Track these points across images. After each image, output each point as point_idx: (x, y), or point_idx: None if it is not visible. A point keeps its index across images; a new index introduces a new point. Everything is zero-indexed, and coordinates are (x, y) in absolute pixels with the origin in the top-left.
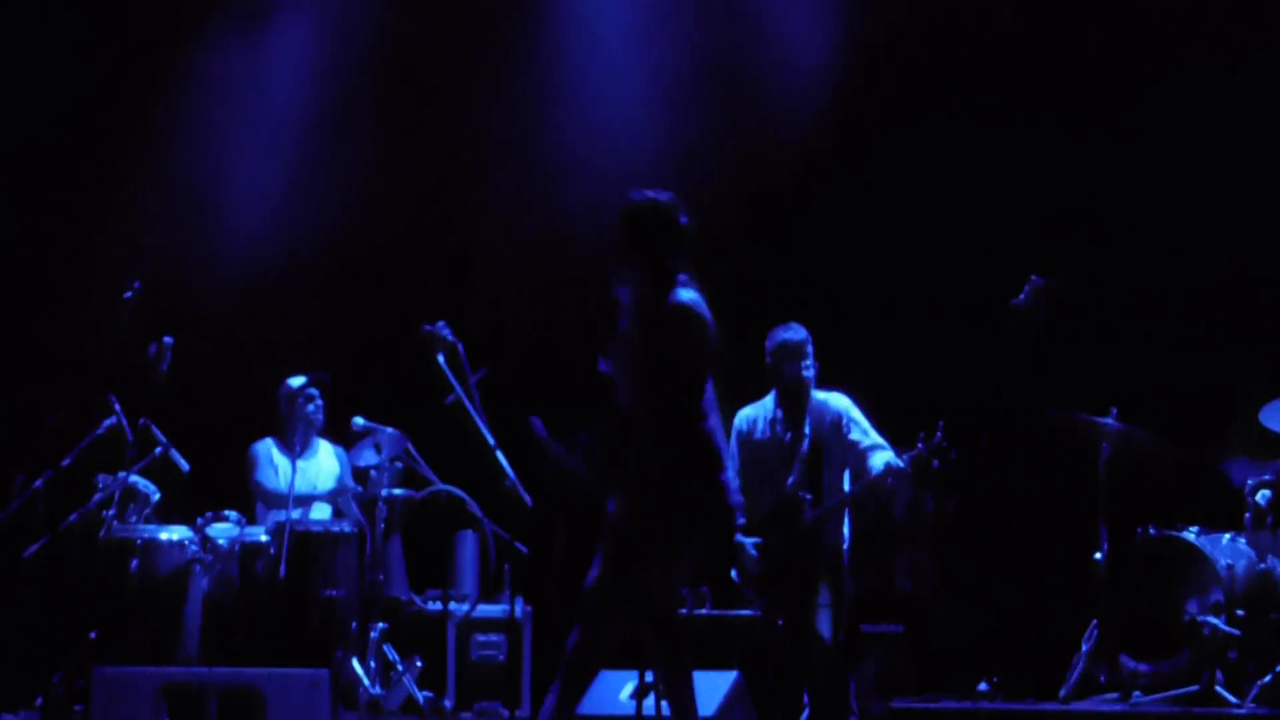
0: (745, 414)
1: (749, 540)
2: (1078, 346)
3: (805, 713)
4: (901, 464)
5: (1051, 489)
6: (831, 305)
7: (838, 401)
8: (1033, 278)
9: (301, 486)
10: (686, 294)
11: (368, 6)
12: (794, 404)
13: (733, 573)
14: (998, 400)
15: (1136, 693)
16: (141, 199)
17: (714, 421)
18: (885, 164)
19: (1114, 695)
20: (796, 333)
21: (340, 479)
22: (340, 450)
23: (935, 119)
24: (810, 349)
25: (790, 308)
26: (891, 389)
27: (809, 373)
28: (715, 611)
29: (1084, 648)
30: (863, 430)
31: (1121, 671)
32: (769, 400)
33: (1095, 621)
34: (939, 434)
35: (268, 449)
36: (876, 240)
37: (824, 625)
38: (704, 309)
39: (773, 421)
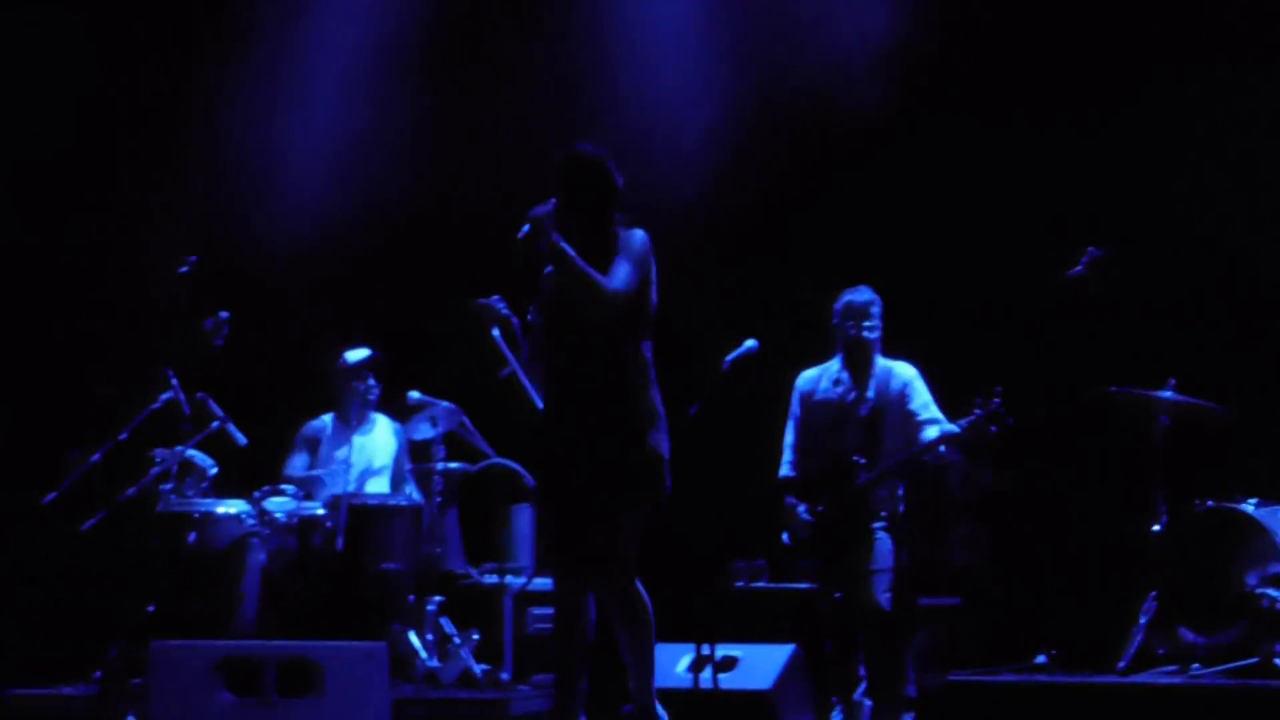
0: (808, 375)
1: (801, 505)
2: (1135, 318)
3: (862, 685)
4: (956, 429)
5: (1109, 461)
6: (892, 275)
7: (904, 370)
8: (1089, 249)
9: (359, 462)
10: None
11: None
12: (857, 365)
13: (784, 536)
14: (1054, 373)
15: (1195, 665)
16: (196, 173)
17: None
18: (946, 133)
19: (1172, 668)
20: (862, 294)
21: (397, 455)
22: (399, 427)
23: (995, 87)
24: (876, 310)
25: (853, 275)
26: (949, 361)
27: (873, 334)
28: (772, 585)
29: (1142, 620)
30: (923, 403)
31: (1179, 644)
32: (834, 362)
33: (1153, 594)
34: (996, 400)
35: (323, 426)
36: (936, 210)
37: (876, 592)
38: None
39: (835, 382)
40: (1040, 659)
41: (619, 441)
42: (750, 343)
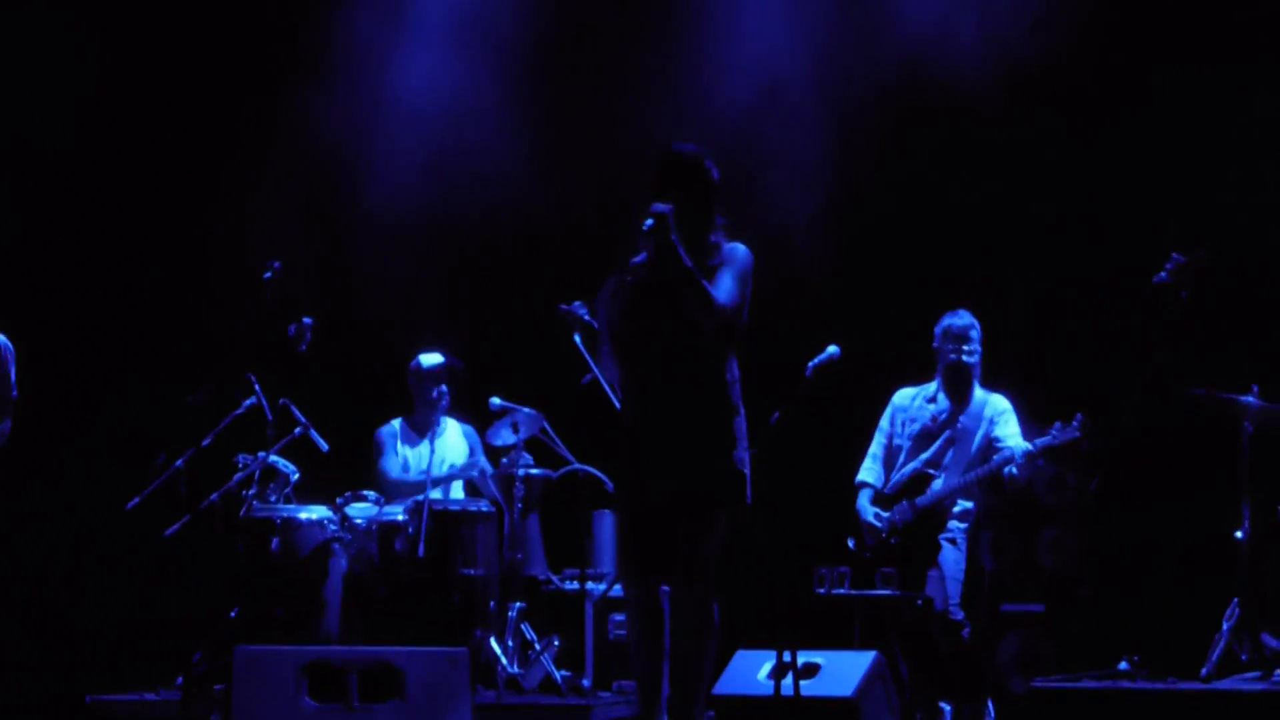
0: (906, 393)
1: (872, 511)
2: (1220, 323)
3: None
4: (1017, 454)
5: (1193, 467)
6: (980, 286)
7: (999, 402)
8: (1174, 255)
9: (435, 466)
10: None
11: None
12: (955, 386)
13: (849, 541)
14: (1140, 379)
15: (1278, 671)
16: (283, 181)
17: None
18: (1030, 146)
19: (1255, 674)
20: (962, 318)
21: (469, 457)
22: (470, 429)
23: (1080, 95)
24: (975, 335)
25: (941, 289)
26: (1037, 368)
27: (972, 358)
28: (854, 591)
29: (1225, 626)
30: (1010, 430)
31: (1263, 650)
32: (933, 384)
33: (1236, 600)
34: (1074, 425)
35: (393, 432)
36: (1023, 222)
37: (944, 600)
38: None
39: (931, 401)
40: (1124, 665)
41: (708, 454)
42: (833, 349)
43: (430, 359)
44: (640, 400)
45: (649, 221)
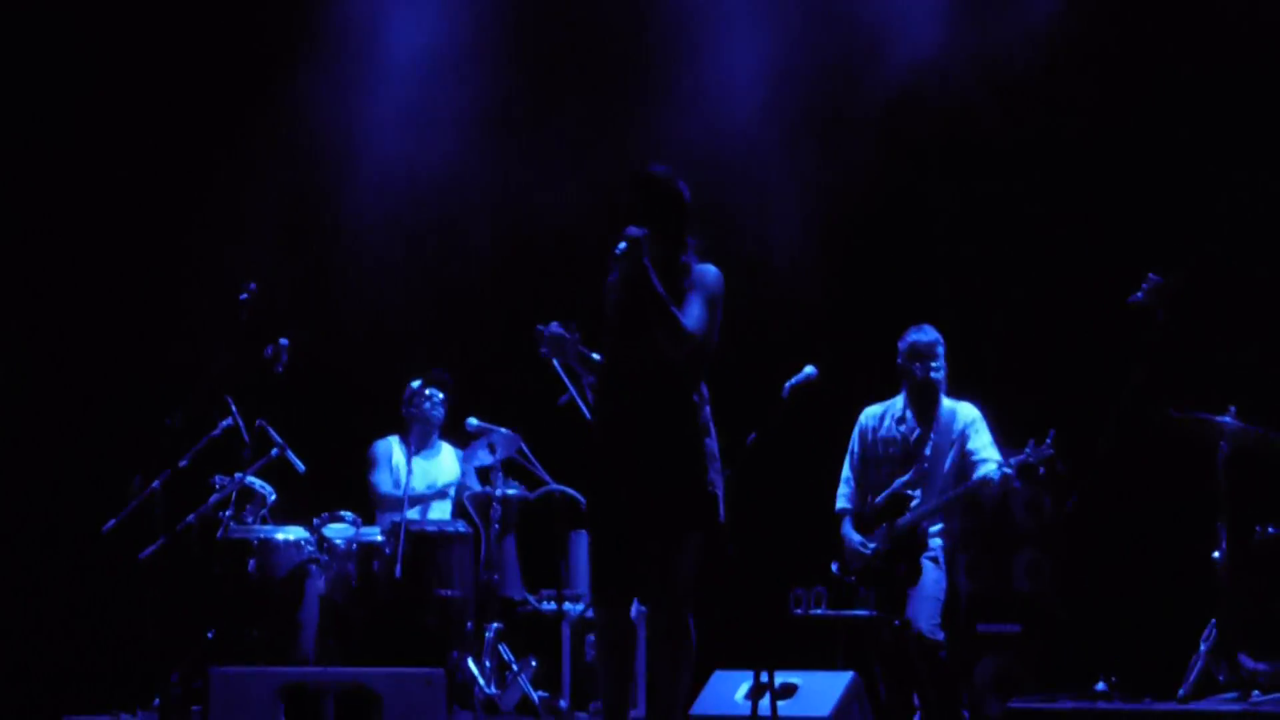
0: (872, 411)
1: (858, 538)
2: (1196, 344)
3: (917, 715)
4: (995, 477)
5: (1170, 488)
6: (955, 305)
7: (967, 412)
8: (1151, 275)
9: (420, 485)
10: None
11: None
12: (922, 404)
13: (833, 565)
14: (1116, 399)
15: (1255, 692)
16: (259, 203)
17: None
18: (1004, 166)
19: (1232, 695)
20: (927, 334)
21: (460, 479)
22: (461, 452)
23: (1054, 117)
24: (941, 350)
25: (918, 310)
26: (1012, 388)
27: (938, 374)
28: (830, 612)
29: (1202, 647)
30: (982, 444)
31: (1240, 671)
32: (898, 400)
33: (1214, 621)
34: (1048, 443)
35: (388, 447)
36: (997, 241)
37: (922, 621)
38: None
39: (899, 420)
40: (1100, 686)
41: (679, 477)
42: (809, 369)
43: (419, 381)
44: (610, 420)
45: (622, 245)
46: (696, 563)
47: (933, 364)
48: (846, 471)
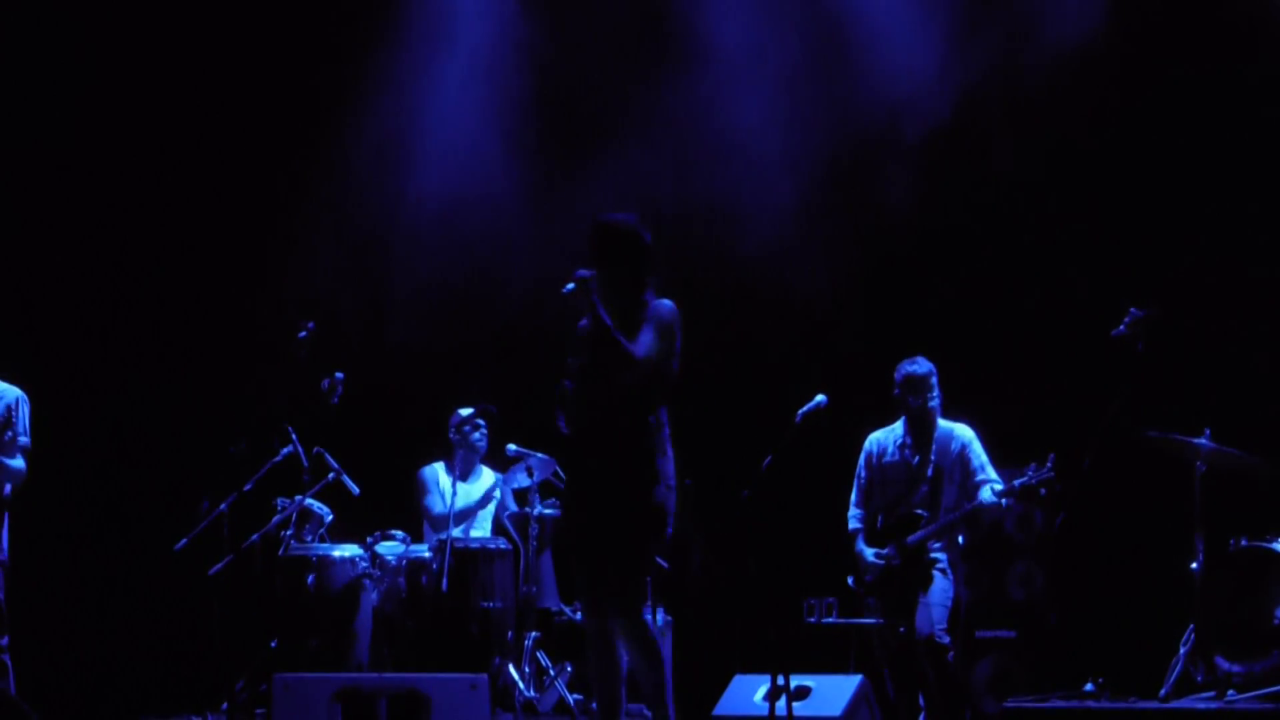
0: (876, 438)
1: (869, 549)
2: (1173, 372)
3: (922, 715)
4: (999, 502)
5: (1151, 504)
6: (951, 333)
7: (962, 432)
8: (1132, 310)
9: (463, 506)
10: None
11: (529, 43)
12: (920, 431)
13: (849, 580)
14: (1100, 423)
15: (1231, 691)
16: (316, 245)
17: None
18: (991, 202)
19: (1210, 694)
20: (920, 366)
21: (499, 500)
22: (500, 476)
23: (1038, 155)
24: (934, 380)
25: (917, 339)
26: (1003, 414)
27: (933, 403)
28: (841, 620)
29: (1182, 650)
30: (980, 464)
31: (1216, 672)
32: (899, 426)
33: (1192, 625)
34: (1048, 466)
35: (434, 473)
36: (991, 278)
37: (931, 626)
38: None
39: (901, 446)
40: (1089, 686)
41: (625, 495)
42: (820, 398)
43: (467, 410)
44: (577, 448)
45: (569, 286)
46: (644, 574)
47: (928, 394)
48: (855, 494)
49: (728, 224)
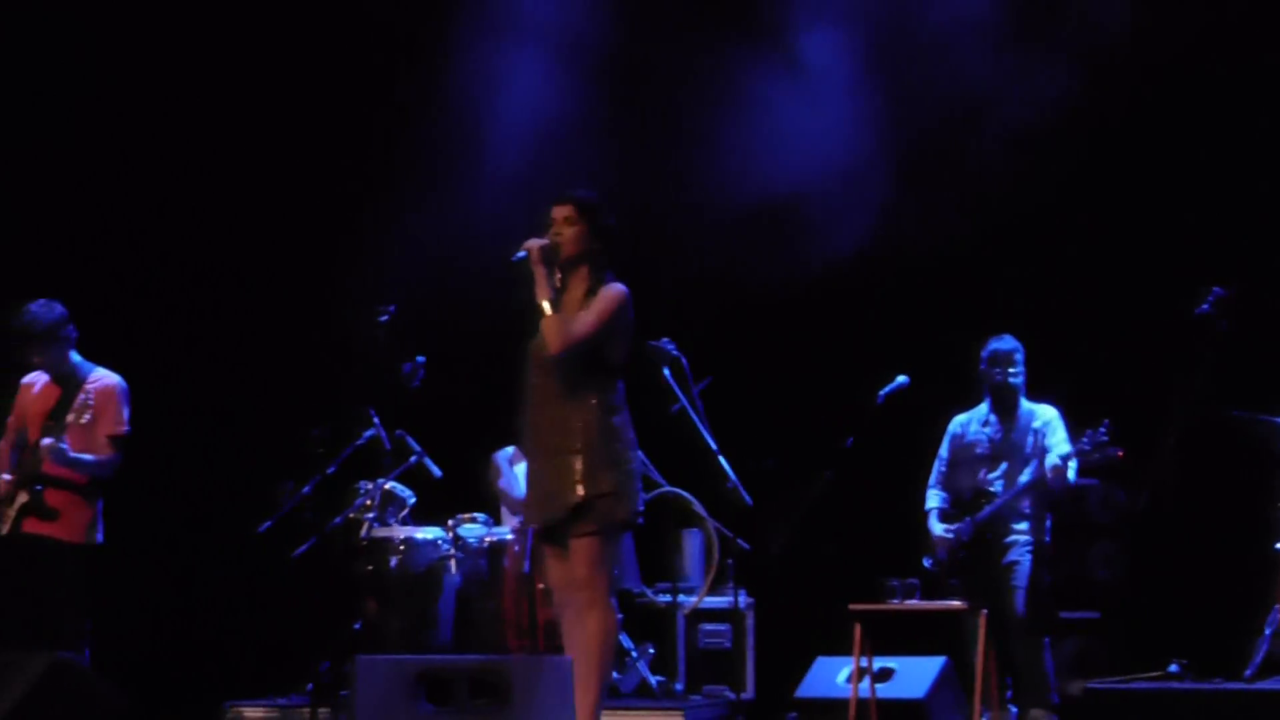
0: (960, 419)
1: (941, 527)
2: (1257, 351)
3: (1009, 694)
4: (1045, 472)
5: (1234, 484)
6: (1037, 320)
7: (1045, 412)
8: (1215, 289)
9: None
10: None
11: (601, 37)
12: (1003, 407)
13: (926, 560)
14: (1184, 403)
15: None
16: (397, 225)
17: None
18: (1077, 182)
19: None
20: (1006, 343)
21: None
22: None
23: (1123, 135)
24: (1019, 357)
25: (997, 324)
26: (1088, 396)
27: (1017, 379)
28: (924, 601)
29: (1267, 631)
30: (1056, 439)
31: None
32: (983, 406)
33: (1277, 607)
34: (1102, 430)
35: (507, 455)
36: (1072, 259)
37: (1017, 606)
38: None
39: (984, 424)
40: (1173, 668)
41: (569, 479)
42: (902, 379)
43: None
44: (527, 427)
45: (520, 254)
46: (606, 556)
47: (1011, 369)
48: (934, 474)
49: (808, 205)
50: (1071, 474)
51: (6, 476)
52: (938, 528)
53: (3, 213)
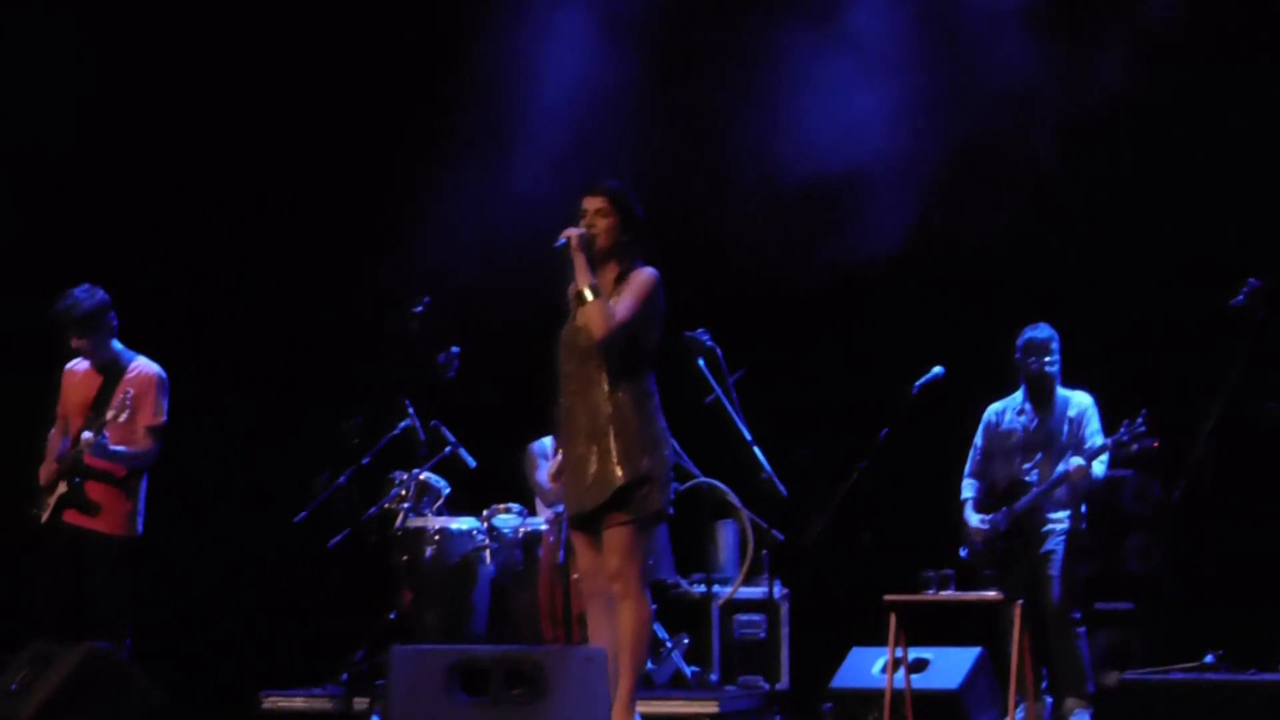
0: (995, 407)
1: (977, 517)
2: None
3: (1044, 684)
4: (1069, 470)
5: (1269, 474)
6: (1074, 310)
7: (1081, 399)
8: (1250, 280)
9: None
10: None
11: (645, 16)
12: (1039, 396)
13: (962, 550)
14: (1219, 394)
15: None
16: (432, 220)
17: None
18: (1114, 173)
19: None
20: (1042, 331)
21: None
22: None
23: (1163, 126)
24: (1055, 346)
25: (1036, 311)
26: (1124, 388)
27: (1052, 368)
28: (959, 592)
29: None
30: (1091, 430)
31: None
32: (1018, 395)
33: None
34: (1140, 420)
35: (544, 447)
36: (1116, 251)
37: (1053, 597)
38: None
39: (1020, 412)
40: (1208, 658)
41: (607, 465)
42: (937, 369)
43: None
44: (563, 413)
45: (561, 240)
46: (640, 547)
47: (1046, 358)
48: (970, 464)
49: (852, 194)
50: (1100, 470)
51: (54, 464)
52: (974, 518)
53: (44, 204)
